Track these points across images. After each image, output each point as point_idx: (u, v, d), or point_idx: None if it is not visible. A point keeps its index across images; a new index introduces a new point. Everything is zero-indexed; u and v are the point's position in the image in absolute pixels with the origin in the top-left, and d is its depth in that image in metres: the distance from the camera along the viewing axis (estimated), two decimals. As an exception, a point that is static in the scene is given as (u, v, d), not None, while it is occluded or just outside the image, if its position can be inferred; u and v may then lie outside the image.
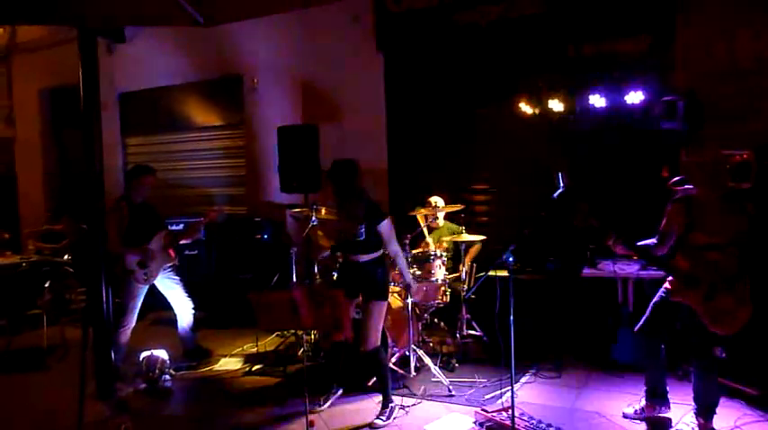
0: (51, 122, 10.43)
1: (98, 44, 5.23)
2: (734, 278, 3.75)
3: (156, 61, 8.86)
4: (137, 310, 5.49)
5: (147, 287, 5.52)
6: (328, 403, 4.73)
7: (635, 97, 5.51)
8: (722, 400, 4.18)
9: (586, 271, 5.49)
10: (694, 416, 3.96)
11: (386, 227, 4.42)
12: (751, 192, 4.68)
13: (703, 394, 3.91)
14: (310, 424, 3.95)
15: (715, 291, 3.76)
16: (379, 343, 4.49)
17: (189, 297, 5.82)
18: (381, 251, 4.51)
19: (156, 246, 5.55)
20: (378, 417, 4.42)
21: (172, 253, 5.69)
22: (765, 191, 4.71)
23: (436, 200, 6.15)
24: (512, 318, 3.72)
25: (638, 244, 4.04)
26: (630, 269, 5.29)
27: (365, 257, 4.47)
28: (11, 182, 10.58)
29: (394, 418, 4.46)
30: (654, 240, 4.00)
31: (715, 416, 3.92)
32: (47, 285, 6.65)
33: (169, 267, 5.70)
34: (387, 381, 4.54)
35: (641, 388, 4.30)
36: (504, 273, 4.00)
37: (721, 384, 4.28)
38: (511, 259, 3.82)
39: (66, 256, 7.53)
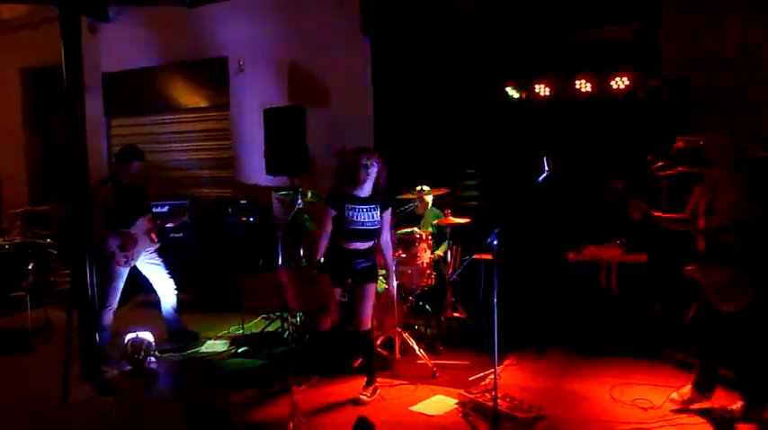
0: (33, 103, 10.24)
1: (81, 23, 5.15)
2: (738, 257, 3.76)
3: (141, 42, 8.72)
4: (119, 292, 5.50)
5: (128, 269, 5.52)
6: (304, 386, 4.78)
7: (621, 83, 5.56)
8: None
9: (571, 254, 5.53)
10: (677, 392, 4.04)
11: (389, 215, 4.65)
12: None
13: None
14: (296, 405, 3.96)
15: (721, 269, 3.79)
16: (370, 324, 4.61)
17: (171, 277, 5.81)
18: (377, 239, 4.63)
19: (139, 230, 5.53)
20: (362, 394, 4.49)
21: (154, 237, 5.67)
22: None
23: (422, 186, 6.16)
24: (495, 300, 3.76)
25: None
26: (614, 253, 5.34)
27: (368, 244, 4.57)
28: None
29: (376, 395, 4.53)
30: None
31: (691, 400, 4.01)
32: (30, 267, 6.60)
33: (151, 250, 5.69)
34: (373, 362, 4.65)
35: (625, 372, 4.34)
36: (489, 257, 4.03)
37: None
38: (495, 242, 3.84)
39: (48, 240, 7.46)
